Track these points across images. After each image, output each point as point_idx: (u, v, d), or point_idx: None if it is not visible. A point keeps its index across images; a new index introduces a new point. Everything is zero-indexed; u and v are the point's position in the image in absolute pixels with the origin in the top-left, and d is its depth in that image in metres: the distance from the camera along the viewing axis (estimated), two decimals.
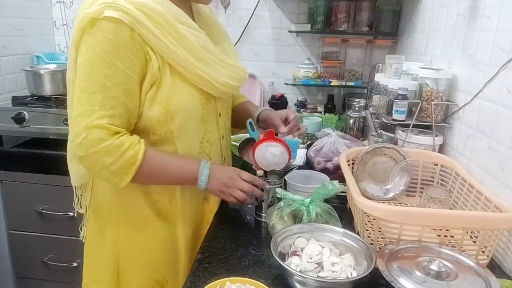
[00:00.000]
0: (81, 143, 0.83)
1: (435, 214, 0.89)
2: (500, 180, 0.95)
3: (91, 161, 0.85)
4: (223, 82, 0.96)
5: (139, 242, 1.01)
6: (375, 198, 1.16)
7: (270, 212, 1.00)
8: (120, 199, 0.99)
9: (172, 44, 0.85)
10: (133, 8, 0.81)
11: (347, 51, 2.07)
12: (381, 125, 1.42)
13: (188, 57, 0.87)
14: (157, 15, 0.84)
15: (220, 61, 0.96)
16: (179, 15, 0.89)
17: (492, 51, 1.03)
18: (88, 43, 0.82)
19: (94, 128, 0.82)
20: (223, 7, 2.09)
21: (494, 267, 0.90)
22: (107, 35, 0.81)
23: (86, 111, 0.82)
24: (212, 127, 1.02)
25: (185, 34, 0.88)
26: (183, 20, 0.89)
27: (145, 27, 0.82)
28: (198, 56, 0.89)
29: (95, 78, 0.82)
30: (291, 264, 0.78)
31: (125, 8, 0.81)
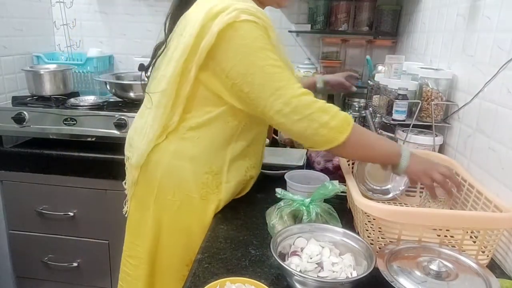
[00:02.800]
0: (295, 109, 0.91)
1: (435, 214, 0.89)
2: (500, 180, 0.95)
3: (307, 122, 0.91)
4: None
5: (181, 223, 1.05)
6: (375, 198, 1.16)
7: (270, 212, 1.00)
8: (169, 179, 1.04)
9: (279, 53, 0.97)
10: (261, 15, 0.95)
11: (347, 51, 2.07)
12: (381, 125, 1.42)
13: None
14: (270, 27, 0.98)
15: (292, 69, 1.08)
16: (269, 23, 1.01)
17: (492, 51, 1.03)
18: (245, 40, 0.92)
19: (301, 95, 0.91)
20: None
21: (494, 267, 0.90)
22: (255, 33, 0.92)
23: (286, 85, 0.92)
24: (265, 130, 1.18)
25: (282, 49, 1.02)
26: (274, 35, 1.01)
27: (272, 31, 0.97)
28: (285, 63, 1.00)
29: (272, 63, 0.92)
30: (291, 264, 0.78)
31: (255, 13, 0.94)
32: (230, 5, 0.92)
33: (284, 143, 1.74)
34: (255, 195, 1.28)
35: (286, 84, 0.92)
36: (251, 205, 1.19)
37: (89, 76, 2.14)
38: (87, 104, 1.81)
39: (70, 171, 1.71)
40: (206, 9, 0.93)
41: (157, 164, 1.04)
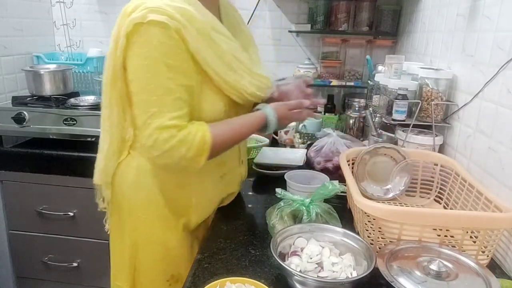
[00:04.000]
0: (154, 145, 0.85)
1: (435, 214, 0.89)
2: (500, 180, 0.95)
3: (167, 158, 0.87)
4: (251, 92, 0.98)
5: (156, 237, 1.02)
6: (375, 198, 1.16)
7: (270, 212, 1.00)
8: (138, 196, 1.00)
9: (208, 51, 0.87)
10: (176, 13, 0.83)
11: (347, 51, 2.06)
12: (381, 125, 1.42)
13: (220, 65, 0.90)
14: (197, 21, 0.86)
15: (249, 71, 0.97)
16: (215, 22, 0.92)
17: (492, 51, 1.03)
18: (144, 48, 0.83)
19: (165, 129, 0.84)
20: None
21: (494, 267, 0.90)
22: (161, 40, 0.82)
23: (157, 113, 0.84)
24: None
25: (220, 43, 0.90)
26: (219, 29, 0.92)
27: (188, 31, 0.84)
28: (230, 65, 0.92)
29: (160, 82, 0.84)
30: (291, 264, 0.78)
31: (169, 13, 0.82)
32: (142, 2, 0.83)
33: (284, 143, 1.74)
34: (255, 195, 1.28)
35: (157, 112, 0.84)
36: (251, 205, 1.19)
37: (89, 76, 2.14)
38: (87, 104, 1.81)
39: (70, 171, 1.71)
40: (125, 7, 0.86)
41: (123, 182, 1.00)
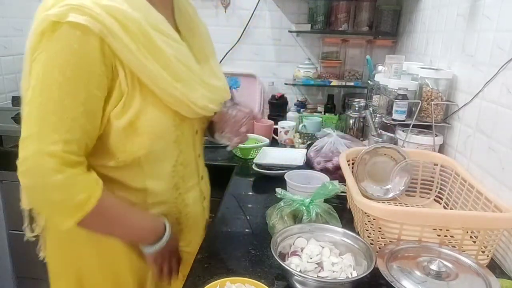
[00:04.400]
0: (27, 171, 0.69)
1: (435, 214, 0.89)
2: (500, 180, 0.95)
3: (35, 193, 0.71)
4: (202, 105, 0.83)
5: (103, 263, 0.87)
6: (375, 198, 1.16)
7: (270, 212, 1.00)
8: None
9: (147, 59, 0.72)
10: (104, 13, 0.67)
11: (347, 51, 2.06)
12: (381, 125, 1.42)
13: (164, 75, 0.75)
14: (132, 23, 0.70)
15: (201, 81, 0.84)
16: (158, 22, 0.76)
17: (492, 51, 1.03)
18: (48, 51, 0.67)
19: (45, 156, 0.67)
20: (223, 7, 2.09)
21: (494, 267, 0.90)
22: (72, 44, 0.67)
23: (38, 134, 0.68)
24: (188, 148, 0.90)
25: (163, 47, 0.75)
26: (162, 28, 0.77)
27: (117, 37, 0.68)
28: (177, 74, 0.77)
29: (53, 94, 0.67)
30: (291, 264, 0.78)
31: (94, 13, 0.67)
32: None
33: (284, 143, 1.74)
34: (255, 195, 1.28)
35: (37, 133, 0.68)
36: (251, 205, 1.19)
37: None
38: None
39: None
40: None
41: None
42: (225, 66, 2.18)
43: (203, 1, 2.09)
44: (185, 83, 0.79)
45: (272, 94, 2.06)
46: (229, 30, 2.13)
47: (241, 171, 1.49)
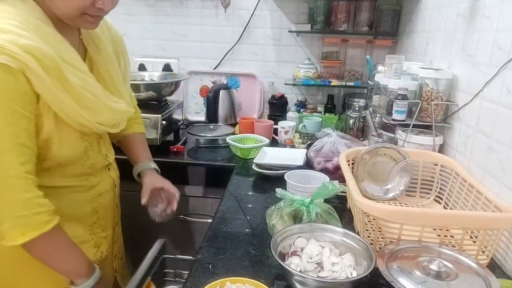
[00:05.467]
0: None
1: (435, 214, 0.89)
2: (500, 180, 0.95)
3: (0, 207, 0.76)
4: (104, 129, 0.94)
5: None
6: (375, 198, 1.16)
7: (270, 212, 1.00)
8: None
9: (58, 91, 0.79)
10: (21, 52, 0.73)
11: (347, 51, 2.06)
12: (381, 125, 1.42)
13: (73, 104, 0.82)
14: (47, 59, 0.76)
15: (106, 107, 0.91)
16: (69, 56, 0.83)
17: (492, 51, 1.03)
18: None
19: (10, 178, 0.75)
20: (223, 7, 2.09)
21: (494, 267, 0.90)
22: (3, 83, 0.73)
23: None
24: (94, 151, 0.97)
25: (72, 79, 0.81)
26: (72, 62, 0.83)
27: (34, 72, 0.74)
28: (83, 102, 0.84)
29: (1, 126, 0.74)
30: (291, 264, 0.78)
31: (12, 53, 0.72)
32: None
33: (284, 143, 1.74)
34: (255, 195, 1.28)
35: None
36: (251, 205, 1.19)
37: None
38: None
39: None
40: None
41: None
42: (225, 66, 2.18)
43: (203, 1, 2.10)
44: (91, 110, 0.87)
45: (272, 94, 2.06)
46: (229, 30, 2.13)
47: (241, 171, 1.49)
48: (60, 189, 0.91)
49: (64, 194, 0.92)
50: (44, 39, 0.78)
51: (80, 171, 0.95)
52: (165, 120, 1.66)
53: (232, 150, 1.66)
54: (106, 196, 1.04)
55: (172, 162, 1.61)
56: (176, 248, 1.70)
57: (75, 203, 0.95)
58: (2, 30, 0.73)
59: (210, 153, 1.70)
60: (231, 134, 1.78)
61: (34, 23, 0.78)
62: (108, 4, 0.83)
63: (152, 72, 2.01)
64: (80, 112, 0.85)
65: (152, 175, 1.15)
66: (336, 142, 1.38)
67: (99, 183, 1.01)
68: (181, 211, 1.66)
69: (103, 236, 1.05)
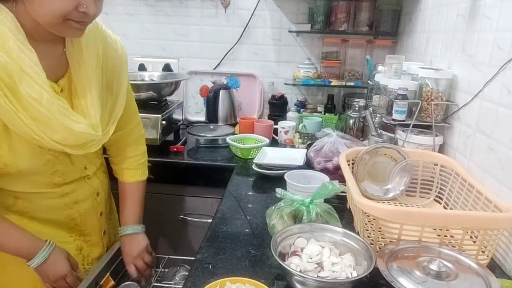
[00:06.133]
0: None
1: (435, 214, 0.89)
2: (500, 180, 0.95)
3: None
4: (62, 148, 0.87)
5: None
6: (375, 198, 1.16)
7: (270, 212, 1.00)
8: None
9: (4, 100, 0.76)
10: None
11: (347, 51, 2.06)
12: (381, 125, 1.42)
13: (23, 115, 0.79)
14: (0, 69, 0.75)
15: (61, 125, 0.84)
16: (29, 67, 0.79)
17: (492, 51, 1.03)
18: None
19: None
20: (223, 7, 2.09)
21: (494, 267, 0.90)
22: None
23: None
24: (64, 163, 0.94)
25: (25, 91, 0.78)
26: (31, 73, 0.79)
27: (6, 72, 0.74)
28: (35, 116, 0.80)
29: None
30: (291, 264, 0.78)
31: None
32: None
33: (284, 143, 1.74)
34: (255, 195, 1.28)
35: None
36: (251, 205, 1.19)
37: None
38: None
39: None
40: None
41: None
42: (225, 66, 2.18)
43: (203, 1, 2.10)
44: (45, 125, 0.82)
45: (272, 94, 2.06)
46: (229, 30, 2.13)
47: (241, 171, 1.49)
48: (29, 194, 0.91)
49: (34, 200, 0.92)
50: (2, 45, 0.76)
51: (49, 180, 0.92)
52: (165, 120, 1.66)
53: (232, 150, 1.66)
54: (83, 204, 1.01)
55: (172, 162, 1.61)
56: (176, 248, 1.70)
57: (48, 208, 0.94)
58: None
59: (210, 153, 1.70)
60: (231, 134, 1.78)
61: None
62: (92, 8, 0.78)
63: (152, 72, 2.02)
64: (31, 126, 0.80)
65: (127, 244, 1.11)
66: (336, 142, 1.38)
67: (74, 191, 0.98)
68: (181, 211, 1.66)
69: (85, 240, 1.04)
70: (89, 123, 0.90)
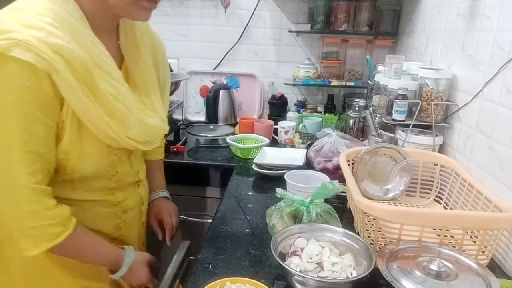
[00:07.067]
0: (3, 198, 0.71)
1: (435, 214, 0.89)
2: (500, 180, 0.95)
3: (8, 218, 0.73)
4: (134, 145, 0.86)
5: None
6: (375, 198, 1.16)
7: (270, 212, 1.00)
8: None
9: (87, 97, 0.73)
10: (50, 52, 0.67)
11: (347, 51, 2.06)
12: (381, 125, 1.42)
13: (101, 113, 0.76)
14: (77, 61, 0.71)
15: (138, 121, 0.84)
16: (103, 61, 0.77)
17: (492, 51, 1.03)
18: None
19: (18, 188, 0.70)
20: (223, 7, 2.09)
21: (494, 267, 0.90)
22: (24, 82, 0.67)
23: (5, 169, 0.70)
24: (123, 166, 0.92)
25: (103, 87, 0.75)
26: (106, 68, 0.77)
27: (61, 75, 0.69)
28: (113, 113, 0.78)
29: (12, 131, 0.68)
30: (291, 264, 0.78)
31: (39, 51, 0.66)
32: (8, 29, 0.66)
33: (284, 143, 1.74)
34: (255, 195, 1.28)
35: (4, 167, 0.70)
36: (251, 205, 1.19)
37: None
38: None
39: None
40: None
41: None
42: (225, 66, 2.18)
43: (203, 1, 2.10)
44: (121, 122, 0.80)
45: (272, 94, 2.06)
46: (229, 30, 2.13)
47: (241, 171, 1.49)
48: (83, 202, 0.86)
49: (87, 208, 0.87)
50: (77, 40, 0.72)
51: (106, 185, 0.89)
52: None
53: (232, 150, 1.66)
54: (131, 213, 0.98)
55: (172, 162, 1.61)
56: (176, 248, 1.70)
57: (98, 217, 0.90)
58: (34, 26, 0.67)
59: (210, 153, 1.70)
60: (231, 134, 1.78)
61: (69, 22, 0.72)
62: None
63: None
64: (109, 124, 0.78)
65: (159, 204, 1.14)
66: (336, 142, 1.38)
67: (126, 199, 0.95)
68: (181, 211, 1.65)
69: None
70: (160, 118, 0.91)
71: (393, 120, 1.29)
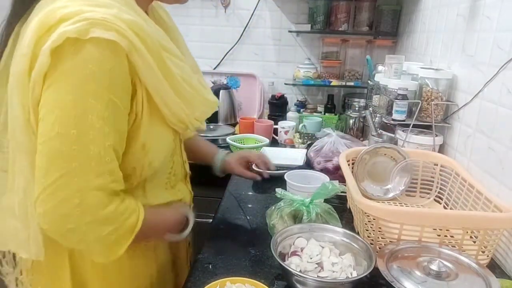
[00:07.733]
0: (72, 213, 0.60)
1: (435, 214, 0.89)
2: (500, 180, 0.95)
3: (82, 234, 0.63)
4: (198, 126, 0.81)
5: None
6: (375, 198, 1.16)
7: (270, 212, 1.00)
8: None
9: (160, 79, 0.67)
10: (127, 28, 0.61)
11: (347, 51, 2.06)
12: (381, 125, 1.42)
13: (172, 94, 0.70)
14: (150, 39, 0.65)
15: (203, 98, 0.80)
16: (164, 39, 0.72)
17: (492, 51, 1.03)
18: (73, 75, 0.59)
19: (92, 191, 0.61)
20: (223, 7, 2.10)
21: (494, 267, 0.90)
22: (104, 65, 0.60)
23: (77, 169, 0.60)
24: (177, 157, 0.87)
25: (170, 65, 0.70)
26: (168, 46, 0.72)
27: (140, 54, 0.63)
28: (182, 94, 0.72)
29: (92, 124, 0.60)
30: (291, 264, 0.78)
31: (119, 28, 0.60)
32: (79, 11, 0.59)
33: (284, 143, 1.74)
34: (255, 195, 1.28)
35: (77, 168, 0.60)
36: (251, 205, 1.19)
37: None
38: None
39: None
40: (46, 11, 0.61)
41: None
42: (225, 66, 2.18)
43: (203, 1, 2.10)
44: (188, 103, 0.75)
45: (272, 94, 2.06)
46: (229, 30, 2.13)
47: None
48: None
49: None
50: (144, 18, 0.67)
51: (167, 180, 0.84)
52: None
53: (232, 150, 1.66)
54: None
55: None
56: None
57: None
58: (104, 5, 0.61)
59: None
60: (231, 134, 1.78)
61: (129, 4, 0.66)
62: None
63: None
64: (181, 105, 0.72)
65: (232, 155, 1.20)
66: (336, 142, 1.38)
67: (182, 199, 0.90)
68: None
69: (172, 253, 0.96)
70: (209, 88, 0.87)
71: (393, 120, 1.29)
